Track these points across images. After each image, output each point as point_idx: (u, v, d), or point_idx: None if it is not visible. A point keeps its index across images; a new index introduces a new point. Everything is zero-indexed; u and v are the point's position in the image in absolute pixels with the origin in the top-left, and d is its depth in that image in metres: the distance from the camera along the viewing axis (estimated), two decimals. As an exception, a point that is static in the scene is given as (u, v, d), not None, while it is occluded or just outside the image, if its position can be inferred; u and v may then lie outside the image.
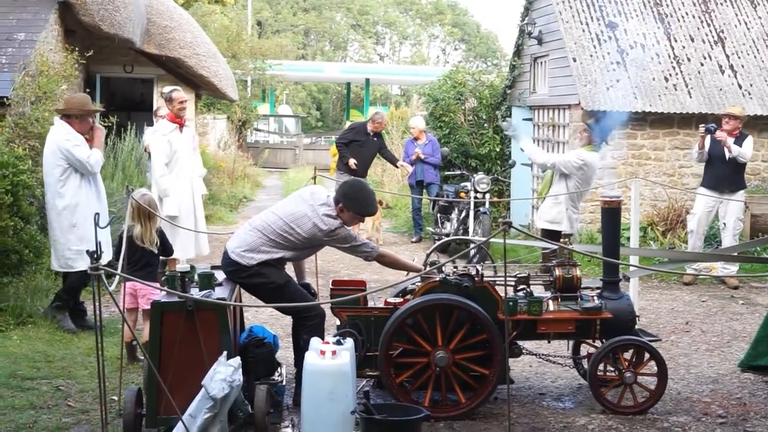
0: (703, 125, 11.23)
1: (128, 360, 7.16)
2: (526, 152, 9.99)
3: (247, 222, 6.63)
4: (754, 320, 9.30)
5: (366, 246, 6.48)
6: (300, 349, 6.33)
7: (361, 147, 14.02)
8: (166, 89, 10.36)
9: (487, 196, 13.25)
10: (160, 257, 7.55)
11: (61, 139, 8.01)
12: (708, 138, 11.13)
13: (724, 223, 11.34)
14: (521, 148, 10.25)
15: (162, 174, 9.80)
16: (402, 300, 6.54)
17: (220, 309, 5.66)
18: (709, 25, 14.71)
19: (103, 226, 6.81)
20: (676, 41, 14.41)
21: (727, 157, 11.05)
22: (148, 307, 7.15)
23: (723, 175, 11.19)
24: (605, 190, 9.90)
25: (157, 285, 6.52)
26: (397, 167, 15.36)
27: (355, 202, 6.39)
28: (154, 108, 14.41)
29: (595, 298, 6.63)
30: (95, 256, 4.20)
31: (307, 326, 6.35)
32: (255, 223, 6.44)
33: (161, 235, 7.44)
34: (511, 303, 6.35)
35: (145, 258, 7.29)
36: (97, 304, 4.36)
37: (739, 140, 11.11)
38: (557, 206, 9.49)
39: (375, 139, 14.30)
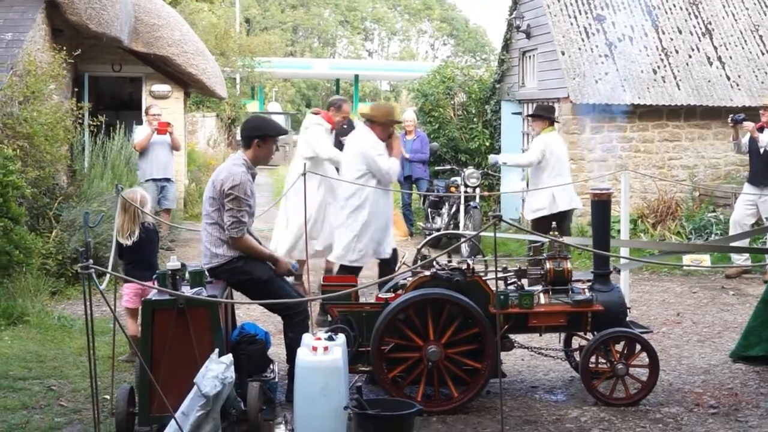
0: (731, 115, 11.18)
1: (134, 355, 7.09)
2: (511, 164, 11.47)
3: None
4: (744, 311, 9.33)
5: (241, 225, 6.22)
6: (288, 346, 6.34)
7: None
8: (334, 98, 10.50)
9: (477, 190, 13.26)
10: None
11: (367, 146, 8.32)
12: (747, 133, 11.03)
13: (766, 218, 11.09)
14: (504, 163, 11.64)
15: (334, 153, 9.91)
16: (393, 295, 6.55)
17: (211, 306, 5.66)
18: (696, 17, 14.74)
19: (93, 225, 6.82)
20: (664, 33, 14.43)
21: (761, 150, 10.91)
22: None
23: (759, 168, 11.05)
24: (595, 183, 9.95)
25: (149, 284, 6.52)
26: None
27: (261, 127, 6.43)
28: (144, 107, 14.37)
29: (586, 290, 6.65)
30: (86, 255, 4.20)
31: (291, 324, 6.35)
32: (203, 225, 6.43)
33: (149, 231, 7.42)
34: (502, 296, 6.36)
35: (148, 258, 7.29)
36: (88, 303, 4.35)
37: None
38: (539, 194, 10.33)
39: (345, 127, 14.41)
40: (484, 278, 6.58)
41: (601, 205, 6.84)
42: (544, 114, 10.59)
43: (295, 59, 49.56)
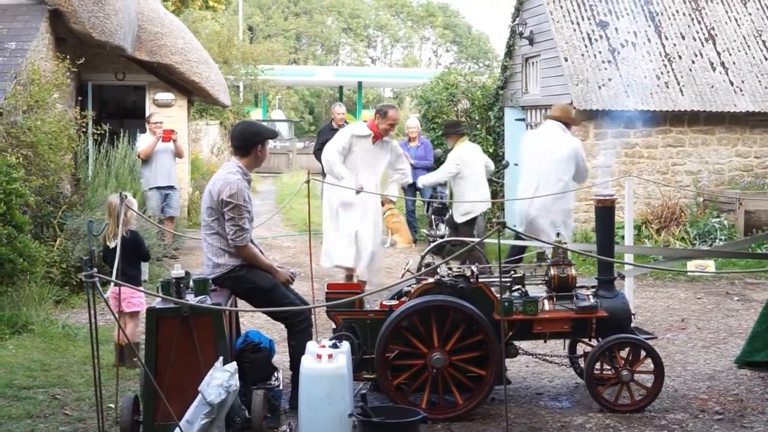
0: None
1: (117, 362, 7.13)
2: (428, 184, 12.54)
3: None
4: (749, 316, 9.32)
5: (244, 232, 6.23)
6: (292, 354, 6.34)
7: None
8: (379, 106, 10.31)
9: (481, 197, 13.22)
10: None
11: (580, 147, 9.14)
12: None
13: None
14: (423, 185, 12.72)
15: (333, 161, 9.66)
16: (397, 302, 6.54)
17: (215, 314, 5.65)
18: (699, 23, 14.74)
19: (97, 233, 6.83)
20: (667, 39, 14.43)
21: None
22: (129, 309, 7.28)
23: None
24: (599, 189, 9.94)
25: (142, 288, 6.54)
26: None
27: (260, 133, 6.45)
28: (147, 114, 14.39)
29: (591, 296, 6.64)
30: (90, 264, 4.19)
31: (295, 331, 6.36)
32: (202, 235, 6.43)
33: (133, 238, 7.45)
34: (506, 303, 6.35)
35: (122, 264, 7.34)
36: (92, 311, 4.34)
37: None
38: (464, 203, 11.36)
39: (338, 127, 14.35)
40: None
41: (605, 212, 6.84)
42: (451, 130, 11.78)
43: (298, 67, 49.56)
